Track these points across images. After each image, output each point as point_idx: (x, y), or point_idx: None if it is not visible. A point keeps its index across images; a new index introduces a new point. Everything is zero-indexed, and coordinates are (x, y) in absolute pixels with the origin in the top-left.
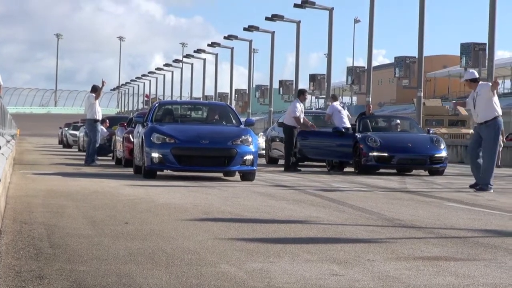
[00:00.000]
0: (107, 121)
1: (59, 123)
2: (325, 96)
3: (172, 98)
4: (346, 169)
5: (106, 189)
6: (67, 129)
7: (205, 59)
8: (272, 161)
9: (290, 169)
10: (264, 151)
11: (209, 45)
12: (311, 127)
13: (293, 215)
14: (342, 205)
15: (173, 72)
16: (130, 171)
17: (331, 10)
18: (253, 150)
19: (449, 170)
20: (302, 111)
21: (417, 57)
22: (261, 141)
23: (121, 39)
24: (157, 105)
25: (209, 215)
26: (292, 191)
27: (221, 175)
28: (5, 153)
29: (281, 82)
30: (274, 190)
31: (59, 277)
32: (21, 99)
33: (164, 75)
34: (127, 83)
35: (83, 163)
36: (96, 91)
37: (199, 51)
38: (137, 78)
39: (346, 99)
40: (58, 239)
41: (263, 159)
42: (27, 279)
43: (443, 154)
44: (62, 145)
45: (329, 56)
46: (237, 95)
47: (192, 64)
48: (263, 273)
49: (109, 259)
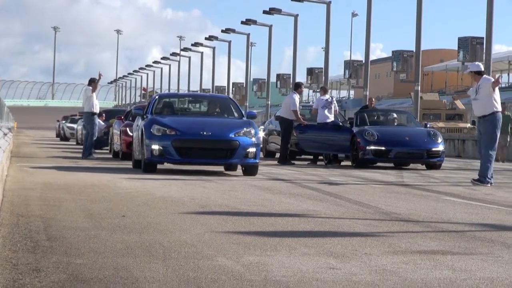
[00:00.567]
0: (104, 114)
1: (57, 116)
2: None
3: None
4: (343, 163)
5: (103, 182)
6: (64, 122)
7: (202, 53)
8: (269, 155)
9: (285, 162)
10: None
11: (206, 39)
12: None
13: (290, 208)
14: (339, 198)
15: (170, 65)
16: (127, 164)
17: (328, 3)
18: (256, 142)
19: (446, 164)
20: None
21: (415, 51)
22: (262, 135)
23: (118, 32)
24: (157, 97)
25: (206, 209)
26: (289, 185)
27: (221, 169)
28: (2, 146)
29: (278, 75)
30: (271, 183)
31: (56, 270)
32: (18, 92)
33: (161, 69)
34: (124, 76)
35: (81, 156)
36: (90, 85)
37: (196, 44)
38: (134, 71)
39: (343, 93)
40: (55, 232)
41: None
42: (24, 271)
43: (440, 148)
44: (59, 138)
45: (326, 49)
46: (234, 89)
47: (189, 57)
48: (260, 266)
49: (106, 252)
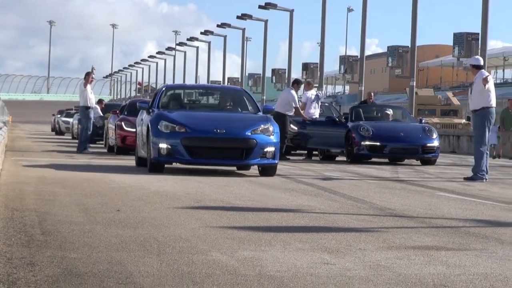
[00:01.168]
0: (103, 101)
1: (52, 110)
2: (317, 85)
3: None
4: (338, 158)
5: (98, 177)
6: (59, 116)
7: (198, 47)
8: None
9: (280, 157)
10: None
11: (202, 33)
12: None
13: (285, 203)
14: (334, 194)
15: (165, 60)
16: (122, 158)
17: None
18: (275, 141)
19: (441, 159)
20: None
21: (410, 46)
22: None
23: (114, 26)
24: (163, 89)
25: (201, 203)
26: (284, 180)
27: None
28: None
29: (273, 70)
30: (266, 178)
31: (50, 264)
32: (13, 86)
33: (157, 63)
34: (119, 70)
35: (76, 151)
36: (86, 77)
37: (192, 39)
38: (130, 65)
39: (338, 88)
40: (49, 226)
41: None
42: (18, 265)
43: (435, 143)
44: (54, 132)
45: (322, 45)
46: (229, 84)
47: (185, 52)
48: (255, 261)
49: (100, 247)
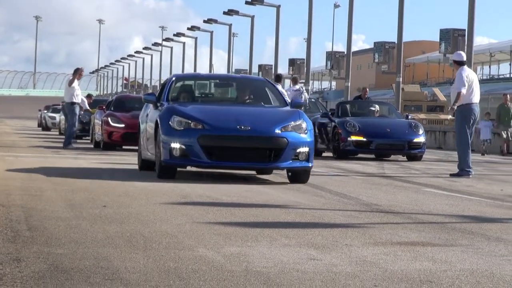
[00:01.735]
0: (92, 96)
1: (38, 106)
2: (304, 80)
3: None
4: (324, 154)
5: (84, 172)
6: (46, 111)
7: (184, 43)
8: None
9: None
10: None
11: (188, 29)
12: None
13: (271, 199)
14: (320, 190)
15: (152, 55)
16: (109, 154)
17: None
18: (309, 140)
19: (427, 155)
20: None
21: (397, 42)
22: None
23: (100, 22)
24: (173, 79)
25: (188, 199)
26: (270, 175)
27: None
28: None
29: (260, 66)
30: (252, 174)
31: (36, 259)
32: None
33: (143, 59)
34: (106, 66)
35: (62, 146)
36: (74, 74)
37: (178, 34)
38: (116, 61)
39: (325, 84)
40: (35, 222)
41: None
42: (4, 261)
43: (422, 139)
44: (41, 128)
45: (308, 40)
46: None
47: (171, 47)
48: (241, 257)
49: (86, 242)
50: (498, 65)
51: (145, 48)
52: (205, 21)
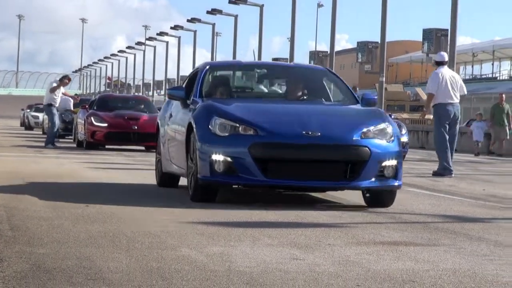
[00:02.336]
0: (79, 97)
1: (21, 105)
2: None
3: (134, 81)
4: None
5: (67, 172)
6: (29, 111)
7: (167, 42)
8: None
9: None
10: None
11: (172, 28)
12: None
13: (255, 199)
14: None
15: (135, 54)
16: (92, 153)
17: None
18: (396, 149)
19: (410, 155)
20: None
21: (380, 42)
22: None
23: (83, 21)
24: (207, 68)
25: (171, 199)
26: None
27: None
28: None
29: None
30: None
31: (18, 259)
32: None
33: (126, 58)
34: (89, 65)
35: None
36: (61, 81)
37: (162, 34)
38: (99, 60)
39: None
40: (18, 222)
41: None
42: None
43: (404, 139)
44: (24, 127)
45: (292, 40)
46: None
47: (154, 47)
48: (224, 257)
49: (69, 242)
50: (480, 65)
51: (129, 47)
52: (188, 21)
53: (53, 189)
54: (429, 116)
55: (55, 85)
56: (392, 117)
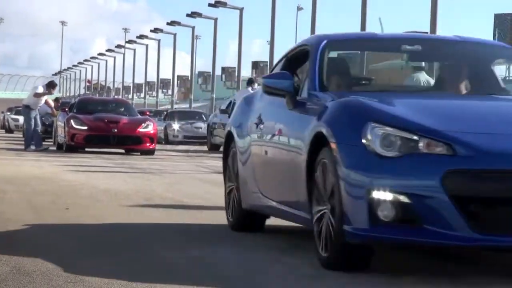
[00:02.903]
0: (60, 100)
1: (1, 108)
2: None
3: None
4: None
5: (47, 175)
6: (9, 113)
7: (147, 45)
8: (213, 148)
9: None
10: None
11: (151, 31)
12: None
13: None
14: None
15: (115, 57)
16: (71, 156)
17: None
18: None
19: None
20: None
21: None
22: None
23: (63, 23)
24: (324, 43)
25: (151, 202)
26: None
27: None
28: None
29: (223, 68)
30: (215, 176)
31: None
32: None
33: (106, 61)
34: (68, 68)
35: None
36: (48, 88)
37: (141, 36)
38: (79, 63)
39: None
40: None
41: (204, 147)
42: None
43: None
44: (4, 130)
45: (271, 43)
46: (179, 81)
47: (134, 49)
48: (204, 260)
49: (49, 245)
50: None
51: (108, 50)
52: (168, 23)
53: (33, 192)
54: None
55: (41, 91)
56: None
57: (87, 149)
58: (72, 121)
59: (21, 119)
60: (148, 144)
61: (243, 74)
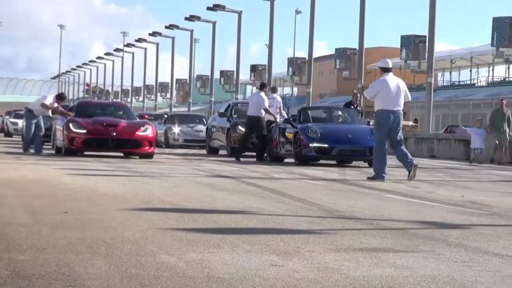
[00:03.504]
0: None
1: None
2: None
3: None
4: (286, 160)
5: (45, 178)
6: (8, 117)
7: (146, 49)
8: (212, 151)
9: (237, 156)
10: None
11: (150, 35)
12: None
13: (233, 205)
14: (282, 196)
15: (114, 61)
16: (71, 160)
17: (272, 0)
18: None
19: (388, 161)
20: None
21: (358, 48)
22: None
23: (61, 27)
24: None
25: (149, 205)
26: (232, 181)
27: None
28: None
29: (222, 72)
30: (214, 180)
31: None
32: None
33: (105, 64)
34: (67, 71)
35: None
36: (58, 100)
37: (140, 40)
38: (78, 66)
39: (287, 90)
40: None
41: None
42: None
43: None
44: (3, 134)
45: (270, 47)
46: (178, 85)
47: (133, 53)
48: (203, 263)
49: (48, 249)
50: (458, 72)
51: (107, 54)
52: (166, 27)
53: (31, 195)
54: (407, 122)
55: (49, 102)
56: (370, 123)
57: (85, 153)
58: (71, 125)
59: (20, 123)
60: (147, 147)
61: (242, 77)
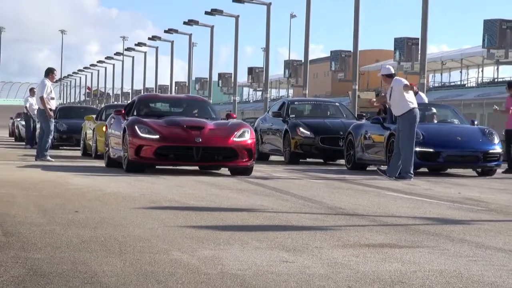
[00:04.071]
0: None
1: (5, 115)
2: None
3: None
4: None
5: (54, 179)
6: (19, 119)
7: (145, 53)
8: (260, 157)
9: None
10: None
11: (149, 39)
12: None
13: (238, 203)
14: (285, 194)
15: (114, 65)
16: (77, 160)
17: (268, 5)
18: None
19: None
20: None
21: (352, 51)
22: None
23: (62, 32)
24: None
25: (157, 204)
26: (235, 180)
27: None
28: None
29: (220, 74)
30: (217, 179)
31: (15, 264)
32: None
33: (105, 68)
34: (68, 75)
35: (34, 158)
36: (48, 75)
37: (139, 44)
38: (79, 70)
39: (283, 92)
40: (10, 227)
41: None
42: None
43: (498, 149)
44: (14, 138)
45: (267, 50)
46: (177, 87)
47: (132, 57)
48: (215, 260)
49: (62, 247)
50: (449, 73)
51: (107, 57)
52: (165, 31)
53: (42, 196)
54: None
55: (45, 83)
56: (475, 122)
57: (157, 167)
58: (137, 128)
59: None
60: (245, 159)
61: (239, 79)
